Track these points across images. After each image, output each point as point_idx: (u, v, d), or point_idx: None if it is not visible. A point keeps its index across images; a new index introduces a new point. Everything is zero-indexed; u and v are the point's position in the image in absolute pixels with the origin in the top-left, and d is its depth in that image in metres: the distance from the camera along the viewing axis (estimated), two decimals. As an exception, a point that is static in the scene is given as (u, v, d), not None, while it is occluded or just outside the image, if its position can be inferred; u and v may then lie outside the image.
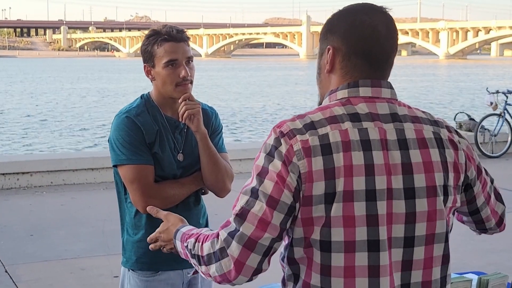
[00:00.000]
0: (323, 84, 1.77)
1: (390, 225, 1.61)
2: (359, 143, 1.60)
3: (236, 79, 54.23)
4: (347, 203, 1.58)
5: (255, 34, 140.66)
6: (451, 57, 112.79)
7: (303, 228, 1.61)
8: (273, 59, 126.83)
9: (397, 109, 1.69)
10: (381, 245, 1.60)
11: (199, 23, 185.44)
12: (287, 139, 1.61)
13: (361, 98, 1.68)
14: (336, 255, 1.59)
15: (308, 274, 1.63)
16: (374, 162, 1.60)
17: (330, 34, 1.73)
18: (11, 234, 6.54)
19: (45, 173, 8.59)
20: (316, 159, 1.58)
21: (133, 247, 2.68)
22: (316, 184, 1.58)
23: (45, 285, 5.21)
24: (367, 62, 1.69)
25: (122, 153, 2.58)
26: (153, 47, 2.60)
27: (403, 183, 1.62)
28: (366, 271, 1.60)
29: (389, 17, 1.73)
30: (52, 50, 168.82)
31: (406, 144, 1.64)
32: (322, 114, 1.64)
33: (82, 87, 42.41)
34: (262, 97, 34.65)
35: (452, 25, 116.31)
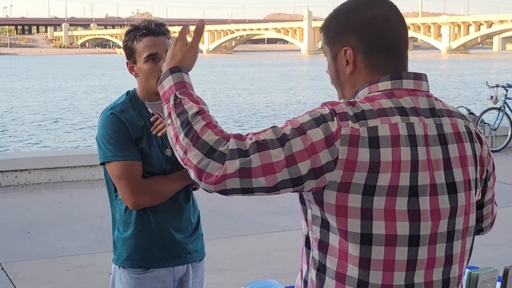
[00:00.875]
0: (344, 85, 1.74)
1: (436, 221, 1.62)
2: (407, 139, 1.59)
3: (240, 74, 54.23)
4: (390, 197, 1.57)
5: (256, 30, 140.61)
6: (453, 52, 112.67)
7: (336, 218, 1.60)
8: (275, 55, 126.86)
9: (434, 103, 1.69)
10: (421, 240, 1.60)
11: (200, 20, 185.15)
12: (338, 119, 1.58)
13: (404, 90, 1.67)
14: (377, 248, 1.59)
15: (342, 265, 1.62)
16: (419, 158, 1.60)
17: (341, 36, 1.70)
18: (8, 231, 6.53)
19: (43, 170, 8.58)
20: (362, 150, 1.56)
21: (123, 244, 2.66)
22: (357, 174, 1.56)
23: (41, 282, 5.19)
24: (390, 55, 1.69)
25: (108, 150, 2.55)
26: (133, 42, 2.57)
27: (445, 178, 1.63)
28: (404, 265, 1.60)
29: (394, 5, 1.73)
30: (53, 47, 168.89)
31: (445, 139, 1.65)
32: (371, 105, 1.62)
33: (86, 84, 42.48)
34: (269, 92, 34.67)
35: (454, 19, 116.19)
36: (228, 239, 6.26)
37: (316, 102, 29.32)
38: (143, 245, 2.63)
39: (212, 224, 6.78)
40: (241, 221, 6.87)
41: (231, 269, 5.42)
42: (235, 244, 6.11)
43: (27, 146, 17.20)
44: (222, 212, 7.16)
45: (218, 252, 5.84)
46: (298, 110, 26.23)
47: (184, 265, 2.71)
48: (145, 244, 2.63)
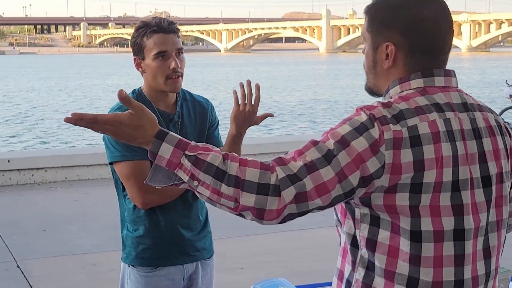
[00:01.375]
0: (379, 76, 1.74)
1: (477, 215, 1.63)
2: (446, 134, 1.60)
3: (261, 73, 54.25)
4: (435, 193, 1.58)
5: (275, 28, 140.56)
6: (473, 50, 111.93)
7: (388, 214, 1.60)
8: (293, 54, 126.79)
9: (466, 98, 1.71)
10: (467, 234, 1.62)
11: (218, 18, 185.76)
12: (379, 124, 1.57)
13: (437, 88, 1.67)
14: (427, 245, 1.60)
15: (391, 263, 1.62)
16: (458, 153, 1.61)
17: (386, 29, 1.69)
18: (24, 229, 6.56)
19: (60, 168, 8.61)
20: (405, 151, 1.56)
21: (132, 242, 2.65)
22: (404, 175, 1.56)
23: (56, 280, 5.21)
24: (431, 56, 1.69)
25: (116, 150, 2.54)
26: (142, 39, 2.55)
27: (480, 172, 1.65)
28: (452, 260, 1.61)
29: (445, 4, 1.71)
30: (72, 46, 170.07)
31: (479, 133, 1.66)
32: (407, 104, 1.62)
33: (106, 83, 42.73)
34: (291, 91, 34.68)
35: (474, 18, 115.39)
36: (242, 237, 6.24)
37: (338, 101, 29.33)
38: (152, 244, 2.63)
39: (226, 222, 6.74)
40: (256, 219, 6.83)
41: (245, 267, 5.40)
42: (249, 243, 6.09)
43: (50, 145, 17.32)
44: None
45: (232, 251, 5.82)
46: (324, 109, 26.25)
47: (193, 262, 2.70)
48: (154, 242, 2.63)
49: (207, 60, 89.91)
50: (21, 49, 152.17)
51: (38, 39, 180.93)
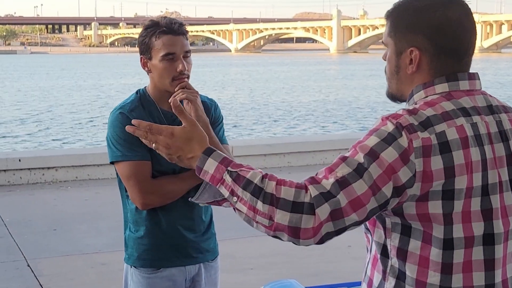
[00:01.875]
0: (402, 81, 1.72)
1: (506, 218, 1.63)
2: (474, 139, 1.59)
3: (273, 73, 54.25)
4: (467, 199, 1.57)
5: (285, 29, 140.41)
6: (484, 51, 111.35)
7: (420, 223, 1.59)
8: (304, 54, 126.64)
9: (490, 100, 1.70)
10: (496, 238, 1.61)
11: (229, 18, 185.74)
12: (407, 132, 1.56)
13: (461, 92, 1.65)
14: (458, 251, 1.59)
15: (422, 273, 1.61)
16: (487, 157, 1.60)
17: (410, 34, 1.67)
18: (35, 228, 6.59)
19: (70, 168, 8.64)
20: (435, 158, 1.55)
21: (134, 243, 2.65)
22: (435, 183, 1.55)
23: (65, 279, 5.22)
24: (458, 60, 1.67)
25: (117, 150, 2.54)
26: (151, 39, 2.54)
27: (508, 175, 1.64)
28: (482, 265, 1.60)
29: (468, 7, 1.70)
30: (83, 46, 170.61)
31: (506, 136, 1.66)
32: (433, 110, 1.60)
33: (120, 83, 42.85)
34: (305, 91, 34.70)
35: (485, 18, 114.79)
36: (252, 238, 6.22)
37: (353, 101, 29.29)
38: (154, 245, 2.62)
39: (237, 223, 6.72)
40: (265, 220, 6.82)
41: (255, 268, 5.39)
42: (258, 244, 6.07)
43: (66, 145, 17.40)
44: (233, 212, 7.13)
45: (242, 252, 5.82)
46: (339, 109, 26.22)
47: (196, 264, 2.69)
48: (156, 244, 2.62)
49: (219, 60, 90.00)
50: (32, 48, 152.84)
51: (49, 38, 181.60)
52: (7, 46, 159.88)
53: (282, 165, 9.36)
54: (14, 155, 9.72)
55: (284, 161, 9.39)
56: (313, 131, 20.10)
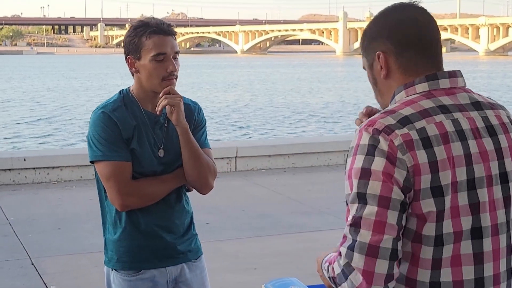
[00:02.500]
0: (383, 92, 1.76)
1: (494, 212, 1.64)
2: (456, 134, 1.61)
3: (281, 75, 54.25)
4: (453, 194, 1.59)
5: (291, 30, 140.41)
6: (491, 54, 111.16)
7: (416, 221, 1.59)
8: (310, 56, 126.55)
9: (475, 96, 1.72)
10: (484, 232, 1.62)
11: (235, 20, 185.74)
12: (385, 135, 1.58)
13: (442, 90, 1.68)
14: (447, 247, 1.60)
15: (412, 271, 1.62)
16: (471, 151, 1.62)
17: (373, 42, 1.74)
18: (39, 227, 6.61)
19: (75, 167, 8.65)
20: (420, 152, 1.57)
21: (114, 246, 2.61)
22: (423, 177, 1.57)
23: (69, 278, 5.24)
24: (420, 53, 1.70)
25: (98, 149, 2.51)
26: (140, 38, 2.50)
27: (498, 168, 1.66)
28: (471, 259, 1.61)
29: (424, 9, 1.74)
30: (89, 47, 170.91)
31: (494, 130, 1.68)
32: (411, 108, 1.63)
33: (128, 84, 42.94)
34: (316, 93, 34.70)
35: (492, 21, 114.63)
36: (256, 238, 6.24)
37: (358, 102, 29.27)
38: (133, 247, 2.59)
39: (241, 223, 6.78)
40: (269, 220, 6.84)
41: (258, 268, 5.39)
42: (263, 244, 6.09)
43: (68, 144, 17.44)
44: (251, 212, 7.15)
45: (245, 251, 5.83)
46: (344, 110, 26.22)
47: (178, 265, 2.66)
48: (135, 246, 2.59)
49: (226, 62, 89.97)
50: (38, 49, 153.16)
51: (55, 39, 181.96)
52: (13, 47, 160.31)
53: (287, 166, 9.37)
54: (19, 154, 9.75)
55: (288, 162, 9.40)
56: (318, 133, 20.09)
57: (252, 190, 8.31)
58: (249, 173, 9.11)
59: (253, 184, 8.56)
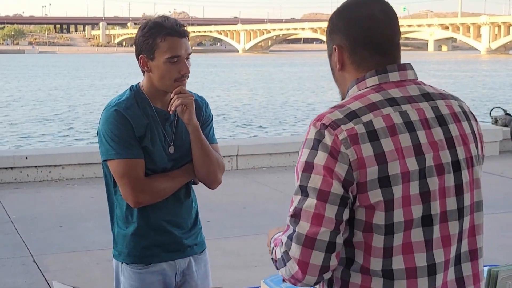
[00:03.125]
0: (339, 82, 1.82)
1: (444, 199, 1.66)
2: (404, 125, 1.64)
3: (286, 74, 54.21)
4: (405, 184, 1.61)
5: (293, 29, 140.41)
6: (492, 52, 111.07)
7: (364, 211, 1.62)
8: (312, 55, 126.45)
9: (425, 88, 1.75)
10: (434, 219, 1.65)
11: (237, 19, 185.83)
12: (331, 129, 1.62)
13: (391, 83, 1.71)
14: (398, 235, 1.62)
15: (366, 259, 1.65)
16: (420, 142, 1.65)
17: (333, 34, 1.78)
18: (41, 225, 6.64)
19: (77, 166, 8.69)
20: (365, 145, 1.60)
21: (124, 240, 2.66)
22: (369, 169, 1.60)
23: (71, 275, 5.27)
24: (374, 51, 1.74)
25: (111, 148, 2.53)
26: (155, 40, 2.52)
27: (450, 157, 1.68)
28: (423, 246, 1.64)
29: (385, 3, 1.77)
30: (91, 46, 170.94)
31: (444, 120, 1.70)
32: (360, 102, 1.67)
33: (128, 83, 42.92)
34: (327, 91, 34.67)
35: (494, 20, 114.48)
36: (257, 236, 6.25)
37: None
38: (144, 242, 2.64)
39: (242, 221, 6.81)
40: (270, 218, 6.86)
41: (258, 265, 5.42)
42: (262, 241, 6.07)
43: (70, 142, 17.46)
44: (252, 210, 7.18)
45: (246, 249, 5.85)
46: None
47: (185, 258, 2.72)
48: (145, 241, 2.64)
49: (229, 61, 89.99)
50: (40, 48, 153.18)
51: (57, 38, 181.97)
52: (15, 46, 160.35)
53: (288, 164, 9.39)
54: (21, 152, 9.78)
55: (289, 160, 9.41)
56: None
57: (253, 188, 8.34)
58: (250, 172, 9.14)
59: (254, 182, 8.59)
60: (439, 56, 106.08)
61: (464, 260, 1.72)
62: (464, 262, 1.72)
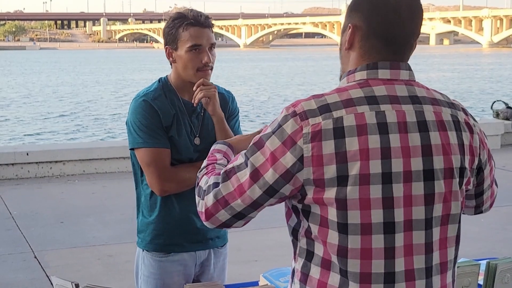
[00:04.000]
0: (343, 60, 1.76)
1: (409, 207, 1.60)
2: (376, 126, 1.58)
3: (291, 69, 54.21)
4: (363, 186, 1.56)
5: (294, 24, 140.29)
6: (494, 46, 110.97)
7: (319, 206, 1.60)
8: (313, 49, 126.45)
9: (416, 90, 1.67)
10: (397, 227, 1.59)
11: (238, 14, 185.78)
12: (299, 120, 1.59)
13: (380, 80, 1.65)
14: (353, 237, 1.58)
15: (326, 252, 1.62)
16: (391, 145, 1.58)
17: (353, 12, 1.71)
18: (42, 221, 6.65)
19: (78, 162, 8.69)
20: (326, 142, 1.56)
21: (147, 228, 2.70)
22: (326, 167, 1.56)
23: (72, 270, 5.27)
24: (385, 44, 1.67)
25: (139, 137, 2.59)
26: (178, 30, 2.59)
27: (423, 165, 1.60)
28: (382, 253, 1.59)
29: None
30: (92, 42, 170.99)
31: (426, 126, 1.62)
32: (339, 96, 1.62)
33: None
34: (328, 87, 34.61)
35: (496, 13, 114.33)
36: (258, 231, 6.25)
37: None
38: (166, 230, 2.67)
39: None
40: (271, 213, 6.84)
41: (259, 260, 5.43)
42: (264, 236, 6.11)
43: (71, 138, 17.47)
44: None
45: (247, 244, 5.85)
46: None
47: (206, 250, 2.75)
48: (168, 229, 2.67)
49: (231, 56, 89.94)
50: (41, 44, 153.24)
51: (58, 34, 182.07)
52: (16, 42, 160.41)
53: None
54: (22, 149, 9.77)
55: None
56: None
57: (254, 183, 8.33)
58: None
59: (255, 177, 8.58)
60: (440, 50, 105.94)
61: (435, 273, 1.65)
62: (435, 275, 1.65)
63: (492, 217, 6.58)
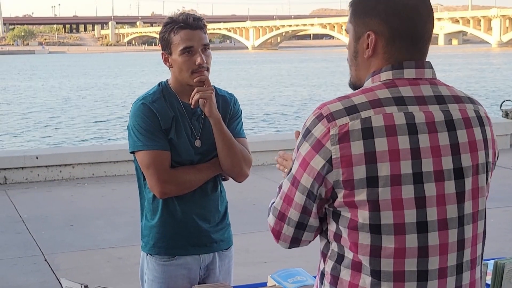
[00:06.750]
0: (360, 67, 1.74)
1: (443, 206, 1.62)
2: (405, 127, 1.59)
3: (309, 70, 54.15)
4: (395, 186, 1.58)
5: (302, 25, 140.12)
6: (504, 45, 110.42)
7: (349, 209, 1.62)
8: (322, 51, 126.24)
9: (440, 89, 1.69)
10: (430, 226, 1.61)
11: (246, 16, 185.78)
12: (326, 122, 1.61)
13: (406, 80, 1.66)
14: (386, 237, 1.60)
15: (356, 254, 1.64)
16: (420, 146, 1.60)
17: (368, 18, 1.68)
18: (52, 224, 6.68)
19: (87, 165, 8.73)
20: (355, 143, 1.57)
21: (150, 231, 2.71)
22: (356, 168, 1.57)
23: (82, 273, 5.29)
24: (411, 44, 1.67)
25: (138, 139, 2.61)
26: (169, 34, 2.62)
27: (453, 164, 1.63)
28: (416, 252, 1.61)
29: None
30: (100, 45, 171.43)
31: (453, 125, 1.65)
32: (365, 97, 1.62)
33: (140, 82, 43.03)
34: (335, 88, 34.64)
35: (505, 12, 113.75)
36: (267, 232, 6.18)
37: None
38: (169, 233, 2.68)
39: (251, 217, 6.80)
40: (280, 215, 6.86)
41: (268, 261, 5.43)
42: (272, 238, 6.11)
43: (80, 141, 17.52)
44: (262, 207, 7.14)
45: (256, 245, 5.86)
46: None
47: (210, 253, 2.75)
48: (171, 232, 2.68)
49: (240, 58, 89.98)
50: (50, 48, 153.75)
51: (67, 38, 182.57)
52: (25, 46, 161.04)
53: (297, 161, 9.37)
54: (32, 152, 9.82)
55: (299, 156, 9.39)
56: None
57: (262, 185, 8.33)
58: (259, 168, 9.13)
59: (263, 179, 8.58)
60: (449, 50, 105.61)
61: (465, 269, 1.68)
62: (465, 271, 1.68)
63: (501, 217, 6.56)
